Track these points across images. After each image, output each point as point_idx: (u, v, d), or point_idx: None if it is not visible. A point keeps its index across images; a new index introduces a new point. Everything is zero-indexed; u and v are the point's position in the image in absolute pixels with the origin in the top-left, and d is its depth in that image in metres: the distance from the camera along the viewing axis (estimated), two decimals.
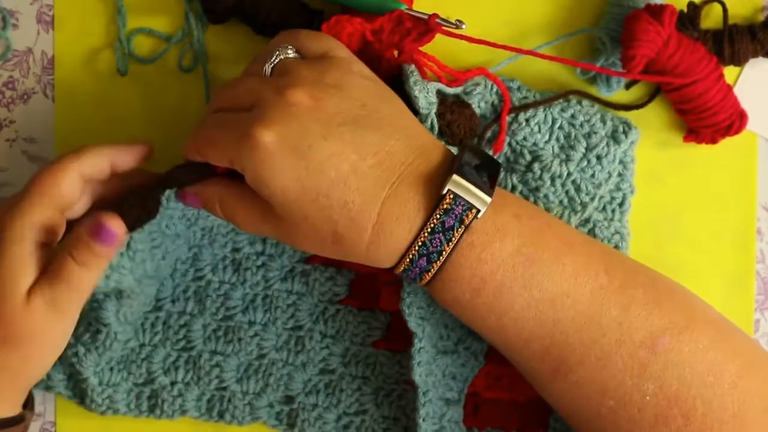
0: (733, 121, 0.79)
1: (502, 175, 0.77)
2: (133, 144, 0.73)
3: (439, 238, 0.66)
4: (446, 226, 0.66)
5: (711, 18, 0.81)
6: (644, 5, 0.78)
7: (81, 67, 0.82)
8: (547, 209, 0.77)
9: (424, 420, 0.76)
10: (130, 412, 0.81)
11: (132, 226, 0.70)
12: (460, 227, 0.67)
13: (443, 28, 0.74)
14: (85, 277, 0.69)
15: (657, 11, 0.76)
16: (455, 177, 0.66)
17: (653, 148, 0.82)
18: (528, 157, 0.78)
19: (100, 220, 0.68)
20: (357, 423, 0.82)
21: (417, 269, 0.68)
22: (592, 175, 0.77)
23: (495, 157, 0.76)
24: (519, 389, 0.81)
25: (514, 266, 0.68)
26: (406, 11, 0.74)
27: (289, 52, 0.70)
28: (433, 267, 0.67)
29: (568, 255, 0.69)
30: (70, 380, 0.79)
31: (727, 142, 0.81)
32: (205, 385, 0.81)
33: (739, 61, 0.80)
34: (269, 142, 0.65)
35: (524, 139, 0.77)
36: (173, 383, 0.81)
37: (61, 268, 0.68)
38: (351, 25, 0.73)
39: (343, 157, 0.66)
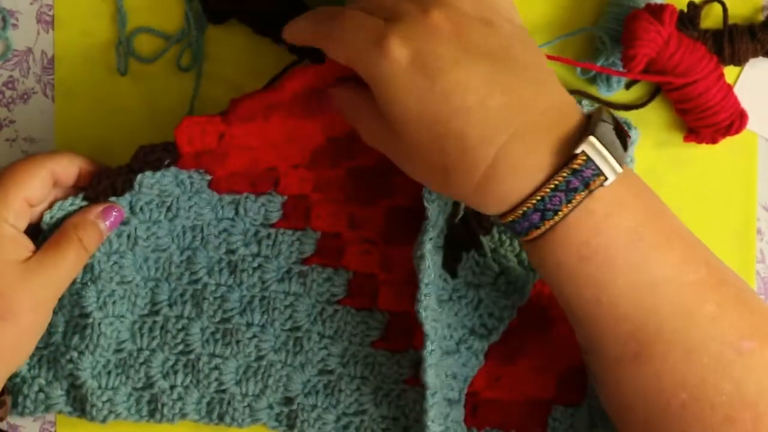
0: (734, 121, 0.79)
1: None
2: (102, 164, 0.76)
3: (559, 197, 0.64)
4: (570, 186, 0.64)
5: (711, 18, 0.81)
6: (644, 5, 0.78)
7: (81, 67, 0.82)
8: None
9: (433, 422, 0.76)
10: (130, 417, 0.81)
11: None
12: (583, 190, 0.64)
13: None
14: (83, 257, 0.74)
15: (657, 11, 0.76)
16: (592, 139, 0.64)
17: (653, 147, 0.82)
18: None
19: (109, 204, 0.74)
20: (356, 423, 0.82)
21: (526, 223, 0.65)
22: None
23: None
24: (518, 389, 0.81)
25: (627, 244, 0.66)
26: None
27: None
28: (544, 225, 0.65)
29: (676, 242, 0.67)
30: (69, 394, 0.79)
31: (727, 142, 0.81)
32: (205, 388, 0.81)
33: (739, 60, 0.80)
34: (400, 56, 0.63)
35: None
36: (172, 387, 0.81)
37: (65, 245, 0.73)
38: None
39: (471, 88, 0.63)
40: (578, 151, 0.64)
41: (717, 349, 0.67)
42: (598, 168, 0.64)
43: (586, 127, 0.65)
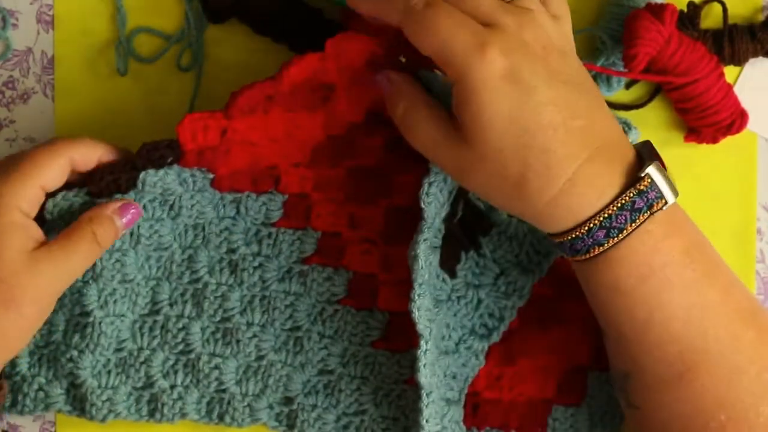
0: (734, 120, 0.79)
1: None
2: (123, 150, 0.76)
3: (624, 216, 0.67)
4: (635, 206, 0.67)
5: (711, 18, 0.81)
6: (645, 4, 0.78)
7: (81, 67, 0.82)
8: None
9: (427, 421, 0.76)
10: (130, 416, 0.80)
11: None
12: (646, 212, 0.67)
13: None
14: (95, 252, 0.74)
15: (658, 10, 0.76)
16: (656, 164, 0.68)
17: None
18: None
19: (127, 201, 0.74)
20: (356, 423, 0.82)
21: (590, 240, 0.68)
22: None
23: None
24: (519, 389, 0.81)
25: (682, 265, 0.69)
26: None
27: None
28: (608, 242, 0.67)
29: (721, 267, 0.72)
30: (69, 393, 0.79)
31: (727, 142, 0.81)
32: (205, 387, 0.81)
33: (739, 60, 0.80)
34: (501, 67, 0.65)
35: None
36: (173, 387, 0.81)
37: (78, 239, 0.72)
38: (358, 41, 0.73)
39: (558, 109, 0.66)
40: (643, 174, 0.67)
41: (757, 373, 0.70)
42: (660, 191, 0.68)
43: (647, 153, 0.69)
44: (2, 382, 0.74)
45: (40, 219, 0.74)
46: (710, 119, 0.79)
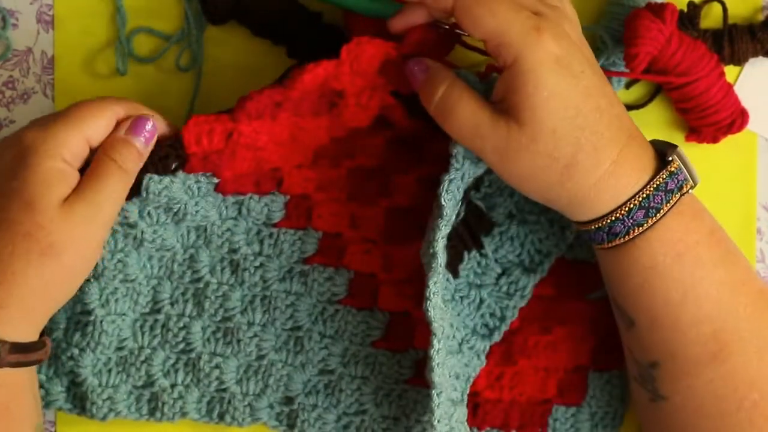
0: (735, 119, 0.79)
1: None
2: (167, 120, 0.75)
3: (660, 196, 0.70)
4: (668, 187, 0.70)
5: (711, 18, 0.81)
6: (645, 4, 0.78)
7: (81, 67, 0.82)
8: (547, 209, 0.77)
9: (438, 421, 0.75)
10: (130, 415, 0.81)
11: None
12: (677, 192, 0.70)
13: (462, 37, 0.75)
14: (124, 179, 0.72)
15: (658, 10, 0.76)
16: (679, 150, 0.71)
17: None
18: None
19: (137, 117, 0.72)
20: (357, 423, 0.82)
21: (630, 221, 0.70)
22: None
23: None
24: (519, 389, 0.81)
25: (710, 243, 0.72)
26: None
27: None
28: (647, 222, 0.70)
29: (738, 250, 0.74)
30: (69, 391, 0.79)
31: (727, 142, 0.81)
32: (205, 386, 0.81)
33: (738, 60, 0.80)
34: (553, 50, 0.68)
35: None
36: (173, 386, 0.81)
37: (101, 171, 0.71)
38: (373, 46, 0.73)
39: (601, 94, 0.69)
40: (671, 158, 0.71)
41: None
42: (686, 174, 0.71)
43: (665, 143, 0.73)
44: (45, 339, 0.73)
45: None
46: (711, 119, 0.79)
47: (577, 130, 0.68)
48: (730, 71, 0.81)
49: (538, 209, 0.78)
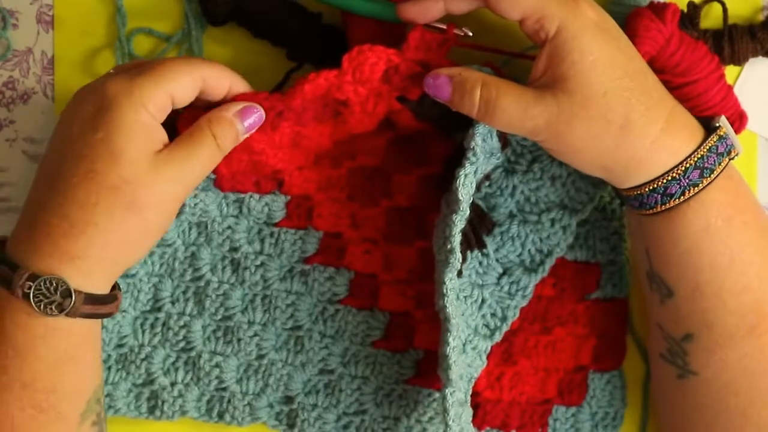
0: (734, 122, 0.79)
1: (503, 175, 0.78)
2: (251, 91, 0.74)
3: (713, 158, 0.71)
4: (719, 150, 0.71)
5: (711, 18, 0.81)
6: (646, 3, 0.78)
7: (81, 67, 0.82)
8: (548, 209, 0.77)
9: (453, 421, 0.74)
10: (129, 413, 0.81)
11: None
12: (726, 156, 0.72)
13: (459, 38, 0.75)
14: (215, 155, 0.71)
15: (660, 9, 0.76)
16: (724, 118, 0.73)
17: None
18: (528, 158, 0.78)
19: (249, 105, 0.72)
20: (357, 423, 0.82)
21: (686, 181, 0.70)
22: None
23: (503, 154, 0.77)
24: (519, 389, 0.81)
25: (755, 210, 0.74)
26: (430, 27, 0.74)
27: None
28: (702, 183, 0.70)
29: None
30: None
31: None
32: (205, 385, 0.81)
33: (738, 60, 0.80)
34: (592, 16, 0.70)
35: (525, 139, 0.77)
36: (173, 384, 0.81)
37: (198, 140, 0.70)
38: (374, 54, 0.73)
39: (640, 58, 0.72)
40: (718, 123, 0.72)
41: None
42: (732, 140, 0.72)
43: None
44: (117, 293, 0.72)
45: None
46: None
47: (626, 90, 0.69)
48: (730, 71, 0.81)
49: (538, 209, 0.78)
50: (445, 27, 0.74)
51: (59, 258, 0.67)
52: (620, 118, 0.69)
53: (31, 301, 0.66)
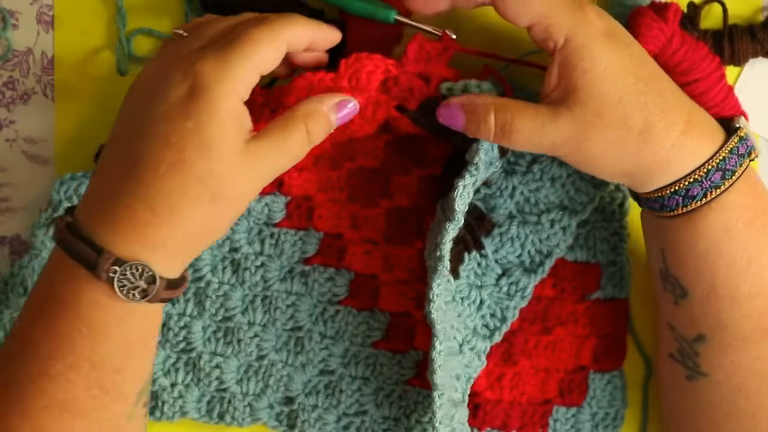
0: None
1: (502, 176, 0.78)
2: (330, 28, 0.74)
3: (734, 159, 0.70)
4: (740, 152, 0.71)
5: (711, 18, 0.81)
6: (648, 2, 0.78)
7: (81, 67, 0.82)
8: (547, 210, 0.77)
9: (441, 423, 0.75)
10: None
11: None
12: (747, 157, 0.71)
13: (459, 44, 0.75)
14: (306, 148, 0.70)
15: (661, 9, 0.76)
16: (743, 119, 0.73)
17: None
18: (528, 159, 0.78)
19: (345, 98, 0.72)
20: (357, 424, 0.82)
21: (707, 183, 0.70)
22: (592, 177, 0.77)
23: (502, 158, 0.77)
24: (519, 389, 0.81)
25: None
26: (421, 29, 0.74)
27: None
28: (724, 184, 0.70)
29: None
30: None
31: None
32: (205, 386, 0.81)
33: (739, 61, 0.80)
34: (599, 24, 0.70)
35: None
36: (173, 385, 0.81)
37: (291, 134, 0.69)
38: (371, 63, 0.73)
39: (651, 61, 0.72)
40: (738, 125, 0.72)
41: None
42: (752, 141, 0.72)
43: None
44: (185, 273, 0.71)
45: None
46: None
47: (641, 95, 0.68)
48: (730, 72, 0.81)
49: (538, 210, 0.78)
50: (440, 33, 0.74)
51: (143, 244, 0.66)
52: (639, 123, 0.68)
53: (115, 285, 0.65)
